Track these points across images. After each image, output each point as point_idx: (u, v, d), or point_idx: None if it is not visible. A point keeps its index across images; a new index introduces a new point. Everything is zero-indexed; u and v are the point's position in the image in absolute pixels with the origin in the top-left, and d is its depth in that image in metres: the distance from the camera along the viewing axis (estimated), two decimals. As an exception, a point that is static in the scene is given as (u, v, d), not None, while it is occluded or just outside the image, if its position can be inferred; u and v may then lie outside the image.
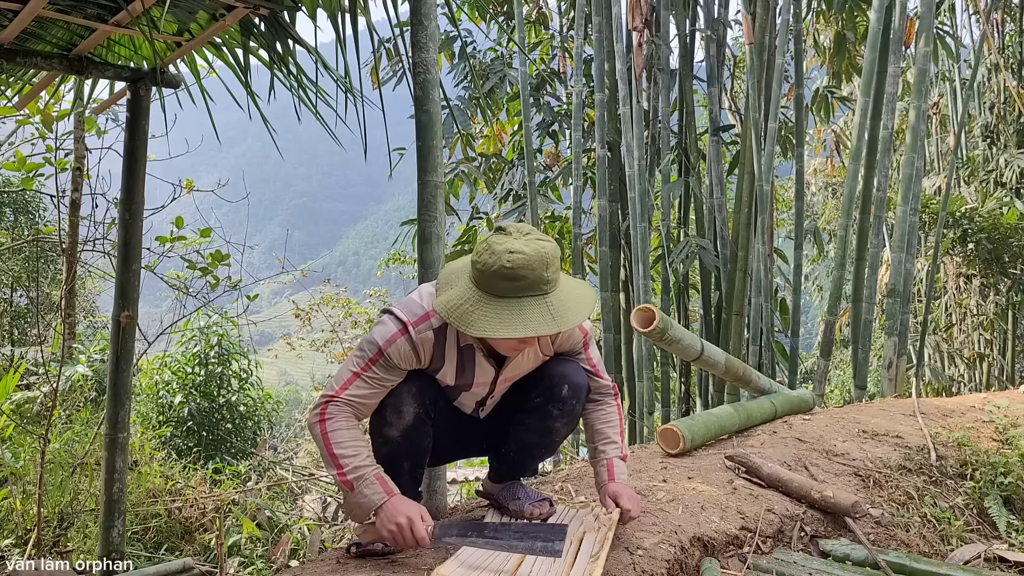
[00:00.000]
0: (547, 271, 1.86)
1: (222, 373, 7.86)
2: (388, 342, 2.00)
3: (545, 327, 1.84)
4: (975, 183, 11.99)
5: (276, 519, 5.28)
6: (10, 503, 4.39)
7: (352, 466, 1.95)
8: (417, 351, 2.03)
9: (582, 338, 2.22)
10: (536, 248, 1.86)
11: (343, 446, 1.96)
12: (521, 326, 1.83)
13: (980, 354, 11.66)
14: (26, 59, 3.43)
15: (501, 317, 1.84)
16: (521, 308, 1.85)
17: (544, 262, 1.85)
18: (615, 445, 2.28)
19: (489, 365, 2.13)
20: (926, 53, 5.91)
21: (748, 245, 6.54)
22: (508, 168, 8.42)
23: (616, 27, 7.04)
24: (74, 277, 7.28)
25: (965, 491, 3.24)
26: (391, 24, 3.23)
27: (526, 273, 1.83)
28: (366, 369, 2.01)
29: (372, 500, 1.93)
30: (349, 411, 2.00)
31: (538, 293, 1.86)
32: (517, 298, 1.85)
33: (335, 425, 1.97)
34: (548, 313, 1.85)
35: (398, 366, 2.03)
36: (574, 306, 1.90)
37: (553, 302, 1.87)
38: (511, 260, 1.83)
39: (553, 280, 1.88)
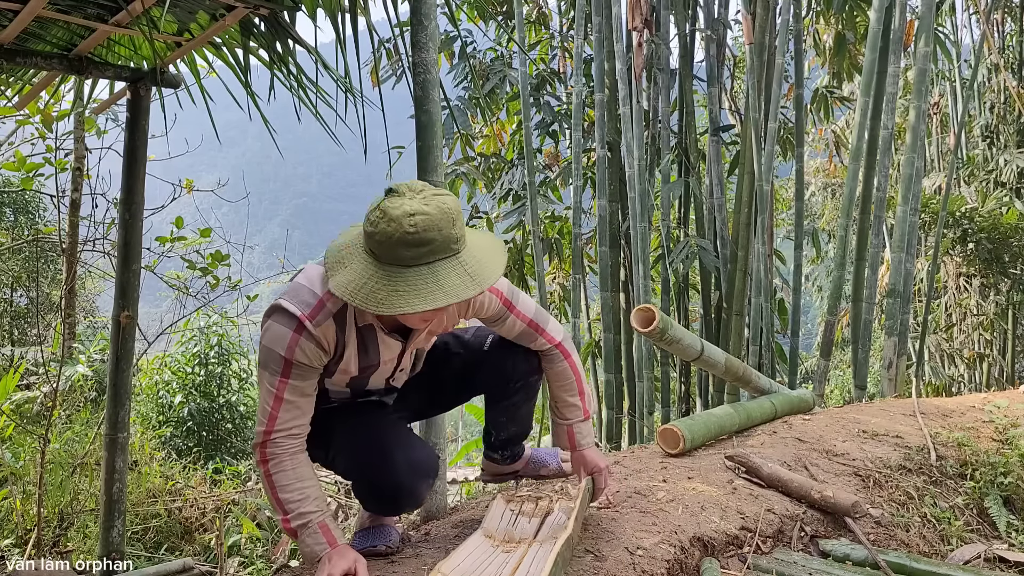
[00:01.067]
0: (454, 228, 1.65)
1: (222, 373, 7.85)
2: (290, 348, 1.79)
3: (466, 290, 1.64)
4: (975, 183, 11.99)
5: (276, 519, 5.28)
6: (10, 503, 4.39)
7: (296, 512, 1.84)
8: (322, 345, 1.83)
9: (498, 303, 2.02)
10: (438, 205, 1.64)
11: (287, 489, 1.83)
12: (440, 294, 1.62)
13: (980, 354, 11.66)
14: (26, 59, 3.43)
15: (415, 288, 1.63)
16: (435, 274, 1.64)
17: (450, 219, 1.64)
18: (575, 408, 2.20)
19: (393, 340, 1.95)
20: (926, 53, 5.91)
21: (748, 245, 6.54)
22: (508, 168, 8.42)
23: (616, 27, 7.04)
24: (74, 277, 7.28)
25: (965, 491, 3.24)
26: (391, 24, 3.23)
27: (433, 235, 1.62)
28: (283, 388, 1.82)
29: (314, 551, 1.84)
30: (289, 442, 1.86)
31: (449, 254, 1.66)
32: (428, 264, 1.64)
33: (279, 466, 1.84)
34: (466, 274, 1.65)
35: (310, 366, 1.84)
36: (489, 261, 1.71)
37: (467, 260, 1.67)
38: (414, 223, 1.61)
39: (462, 237, 1.68)
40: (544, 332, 2.13)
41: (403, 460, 1.97)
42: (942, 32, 9.43)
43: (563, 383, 2.19)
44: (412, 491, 2.01)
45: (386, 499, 2.02)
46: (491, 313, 2.03)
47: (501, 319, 2.07)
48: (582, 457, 2.21)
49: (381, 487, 1.98)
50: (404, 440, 2.04)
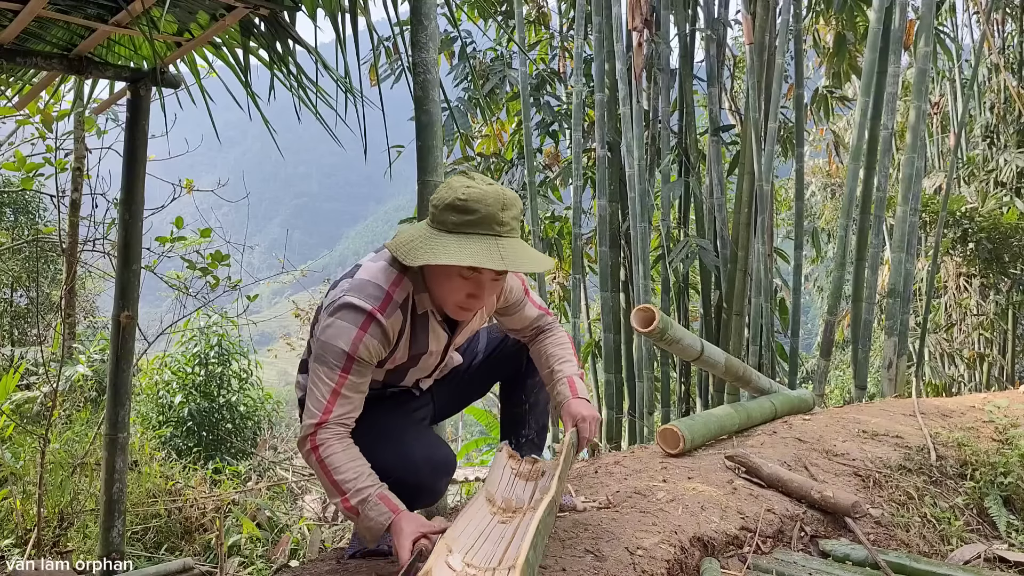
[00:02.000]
0: (502, 212, 1.78)
1: (222, 373, 7.85)
2: (355, 344, 1.84)
3: (490, 261, 1.73)
4: (975, 183, 11.99)
5: (276, 519, 5.28)
6: (10, 503, 4.39)
7: (355, 489, 1.84)
8: (388, 337, 1.90)
9: (521, 289, 2.18)
10: (496, 189, 1.80)
11: (342, 471, 1.84)
12: (464, 254, 1.73)
13: (980, 354, 11.65)
14: (26, 59, 3.43)
15: (446, 247, 1.75)
16: (471, 242, 1.75)
17: (500, 202, 1.78)
18: (571, 363, 2.23)
19: (442, 331, 2.04)
20: (926, 53, 5.91)
21: (748, 245, 6.54)
22: (508, 168, 8.42)
23: (616, 27, 7.04)
24: (74, 277, 7.28)
25: (965, 491, 3.24)
26: (391, 24, 3.23)
27: (478, 207, 1.76)
28: (342, 383, 1.86)
29: (380, 522, 1.83)
30: (340, 430, 1.89)
31: (490, 232, 1.77)
32: (467, 233, 1.77)
33: (329, 449, 1.86)
34: (496, 251, 1.75)
35: (370, 363, 1.91)
36: (526, 257, 1.80)
37: (504, 244, 1.77)
38: (465, 193, 1.77)
39: (509, 225, 1.80)
40: (547, 311, 2.29)
41: (424, 459, 2.01)
42: (943, 31, 9.42)
43: (562, 343, 2.26)
44: (432, 489, 2.07)
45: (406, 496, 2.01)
46: (515, 299, 2.18)
47: (519, 306, 2.20)
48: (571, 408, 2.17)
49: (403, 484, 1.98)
50: (425, 439, 2.11)
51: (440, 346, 2.08)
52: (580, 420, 2.11)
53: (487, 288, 1.86)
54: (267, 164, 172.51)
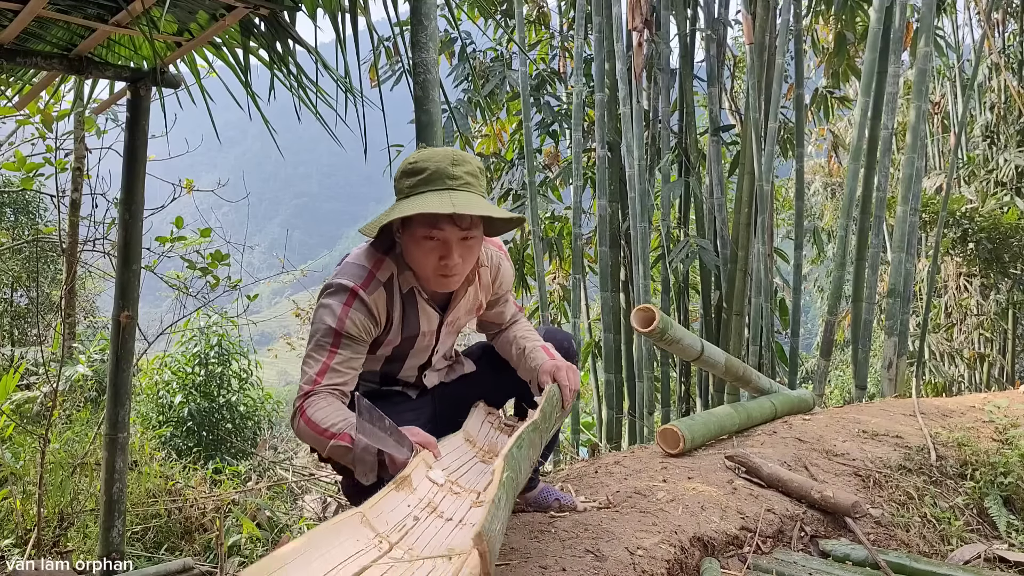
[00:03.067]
0: (453, 167, 1.80)
1: (222, 373, 7.85)
2: (341, 320, 1.88)
3: (440, 206, 1.74)
4: (975, 183, 11.99)
5: (276, 519, 5.28)
6: (10, 503, 4.38)
7: (348, 422, 1.77)
8: (373, 313, 1.92)
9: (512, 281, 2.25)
10: (446, 149, 1.86)
11: (328, 419, 1.80)
12: (412, 207, 1.76)
13: (980, 354, 11.66)
14: (26, 59, 3.44)
15: (399, 208, 1.81)
16: (423, 199, 1.79)
17: (450, 158, 1.81)
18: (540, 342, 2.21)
19: (432, 310, 2.05)
20: (926, 53, 5.91)
21: (748, 245, 6.54)
22: (507, 167, 8.42)
23: (616, 27, 7.04)
24: (74, 277, 7.28)
25: (965, 491, 3.24)
26: (391, 24, 3.23)
27: (427, 164, 1.80)
28: (332, 358, 1.88)
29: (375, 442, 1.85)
30: (324, 393, 1.87)
31: (442, 187, 1.80)
32: (420, 192, 1.81)
33: (314, 407, 1.83)
34: (448, 199, 1.77)
35: (359, 338, 1.92)
36: (481, 204, 1.81)
37: (458, 195, 1.79)
38: (415, 156, 1.84)
39: (462, 179, 1.81)
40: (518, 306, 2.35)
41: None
42: (939, 33, 9.41)
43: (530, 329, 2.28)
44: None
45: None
46: (505, 289, 2.22)
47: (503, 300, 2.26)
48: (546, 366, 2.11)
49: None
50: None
51: (432, 326, 2.08)
52: (556, 371, 2.06)
53: (455, 248, 1.85)
54: (267, 164, 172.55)
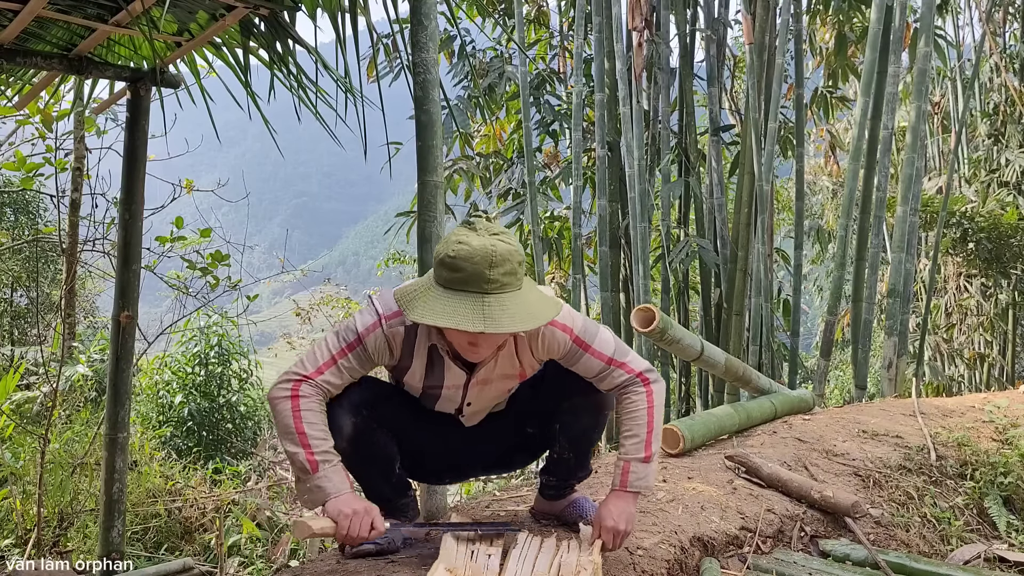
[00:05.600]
0: (491, 270, 1.78)
1: (222, 373, 7.85)
2: (367, 331, 1.97)
3: (469, 323, 1.75)
4: (975, 183, 11.99)
5: (276, 519, 5.28)
6: (10, 503, 4.39)
7: (321, 449, 1.91)
8: (390, 345, 2.00)
9: (570, 342, 2.04)
10: (485, 244, 1.79)
11: (314, 428, 1.91)
12: (445, 317, 1.76)
13: (980, 354, 11.65)
14: (26, 59, 3.44)
15: (433, 305, 1.79)
16: (457, 300, 1.78)
17: (488, 260, 1.78)
18: (636, 442, 2.06)
19: (458, 369, 2.05)
20: (926, 53, 5.91)
21: (748, 245, 6.54)
22: (507, 167, 8.42)
23: (616, 27, 7.03)
24: (74, 277, 7.28)
25: (965, 491, 3.24)
26: (391, 23, 3.23)
27: (465, 265, 1.78)
28: (342, 355, 1.97)
29: (334, 487, 1.90)
30: (320, 395, 1.96)
31: (477, 291, 1.78)
32: (456, 291, 1.79)
33: (308, 404, 1.92)
34: (480, 312, 1.76)
35: (371, 358, 2.01)
36: (514, 315, 1.79)
37: (491, 303, 1.78)
38: (455, 250, 1.79)
39: (499, 282, 1.79)
40: (624, 365, 2.07)
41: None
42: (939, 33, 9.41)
43: (633, 412, 2.07)
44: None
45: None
46: (563, 353, 2.06)
47: (576, 359, 2.07)
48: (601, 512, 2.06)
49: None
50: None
51: (458, 383, 2.08)
52: (604, 531, 2.03)
53: (484, 340, 1.87)
54: (267, 164, 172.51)
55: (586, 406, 2.18)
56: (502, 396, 2.19)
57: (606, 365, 2.06)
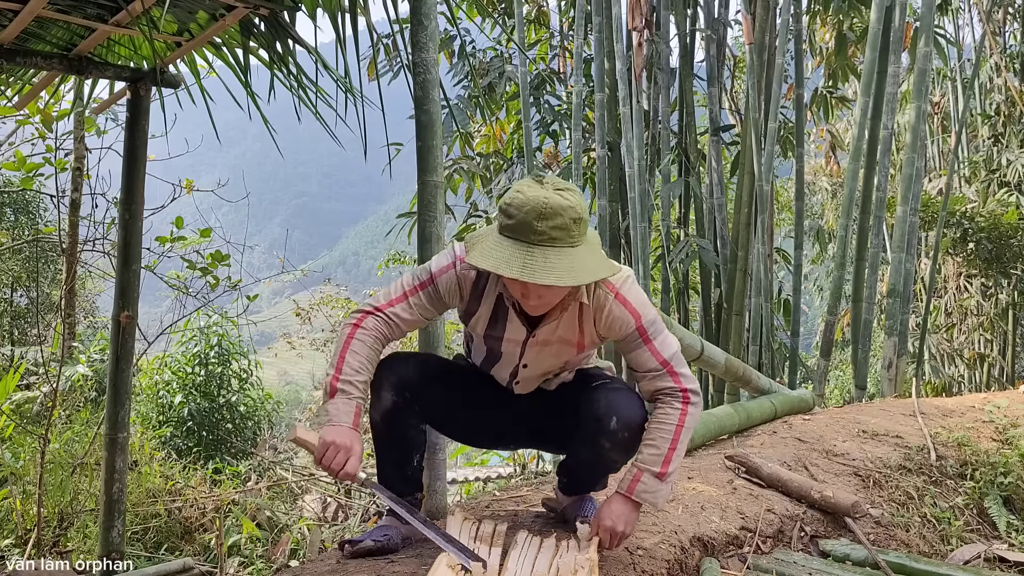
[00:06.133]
0: (539, 222, 1.78)
1: (222, 373, 7.85)
2: (440, 271, 2.03)
3: (506, 268, 1.77)
4: (975, 183, 11.99)
5: (276, 519, 5.28)
6: (10, 503, 4.38)
7: (347, 380, 1.96)
8: (460, 287, 2.04)
9: (634, 328, 2.00)
10: (539, 196, 1.80)
11: (356, 357, 1.98)
12: (488, 259, 1.80)
13: (980, 354, 11.65)
14: (26, 59, 3.43)
15: (484, 248, 1.83)
16: (505, 247, 1.81)
17: (538, 212, 1.78)
18: (655, 453, 1.99)
19: (520, 324, 2.06)
20: (926, 53, 5.91)
21: (748, 245, 6.54)
22: (507, 167, 8.42)
23: (616, 27, 7.03)
24: (74, 277, 7.28)
25: (965, 491, 3.24)
26: (391, 23, 3.23)
27: (515, 213, 1.80)
28: (413, 293, 2.04)
29: (337, 416, 1.94)
30: (384, 329, 2.03)
31: (524, 240, 1.80)
32: (507, 237, 1.82)
33: (364, 336, 2.00)
34: (521, 260, 1.78)
35: (442, 299, 2.05)
36: (555, 269, 1.78)
37: (535, 254, 1.78)
38: (510, 198, 1.83)
39: (547, 235, 1.79)
40: (675, 374, 2.03)
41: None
42: (939, 32, 9.41)
43: (661, 423, 2.01)
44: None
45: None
46: (622, 335, 2.03)
47: (634, 347, 2.04)
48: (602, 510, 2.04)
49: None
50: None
51: (518, 338, 2.08)
52: (602, 529, 2.02)
53: (532, 290, 1.87)
54: (267, 164, 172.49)
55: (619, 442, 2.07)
56: (556, 367, 2.18)
57: (659, 366, 2.02)
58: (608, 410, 2.03)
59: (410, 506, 2.09)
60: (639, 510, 2.06)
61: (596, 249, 1.90)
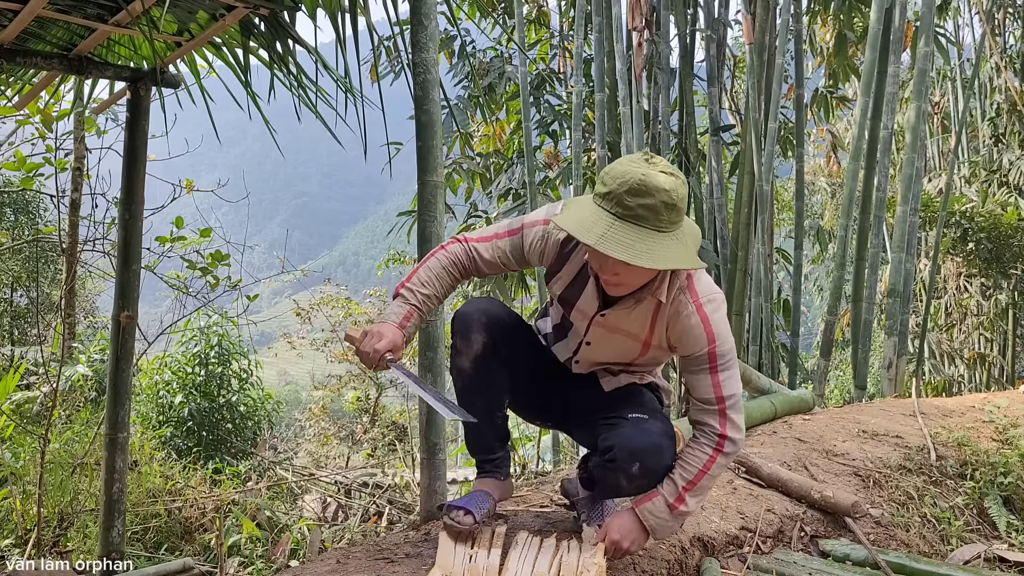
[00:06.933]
0: (631, 197, 1.72)
1: (222, 373, 7.85)
2: (530, 224, 2.07)
3: (578, 230, 1.74)
4: (975, 183, 11.99)
5: (276, 519, 5.28)
6: (10, 503, 4.38)
7: (410, 288, 2.06)
8: (546, 245, 2.05)
9: (705, 351, 1.92)
10: (637, 171, 1.73)
11: (428, 272, 2.08)
12: (576, 225, 1.75)
13: (980, 354, 11.65)
14: (26, 59, 3.43)
15: (575, 215, 1.80)
16: (591, 212, 1.77)
17: (631, 186, 1.72)
18: (672, 486, 1.97)
19: (595, 297, 2.01)
20: (926, 53, 5.91)
21: (748, 245, 6.54)
22: (507, 167, 8.43)
23: (616, 27, 7.04)
24: (74, 277, 7.28)
25: (965, 491, 3.24)
26: (391, 23, 3.23)
27: (610, 183, 1.75)
28: (500, 237, 2.09)
29: (388, 314, 2.06)
30: (464, 259, 2.10)
31: (611, 211, 1.75)
32: (598, 206, 1.78)
33: (443, 257, 2.09)
34: (598, 229, 1.73)
35: (524, 251, 2.08)
36: (628, 245, 1.71)
37: (616, 227, 1.73)
38: (610, 168, 1.78)
39: (635, 212, 1.73)
40: (724, 416, 1.95)
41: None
42: (940, 32, 9.42)
43: (688, 462, 1.97)
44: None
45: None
46: (691, 352, 1.95)
47: (697, 370, 1.96)
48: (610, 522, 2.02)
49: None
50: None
51: (588, 312, 2.04)
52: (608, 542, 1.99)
53: (609, 266, 1.80)
54: (267, 164, 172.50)
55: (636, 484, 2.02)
56: (617, 360, 2.14)
57: (714, 401, 1.95)
58: (633, 455, 1.95)
59: (425, 383, 2.17)
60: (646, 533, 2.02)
61: (686, 242, 1.81)
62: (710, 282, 2.00)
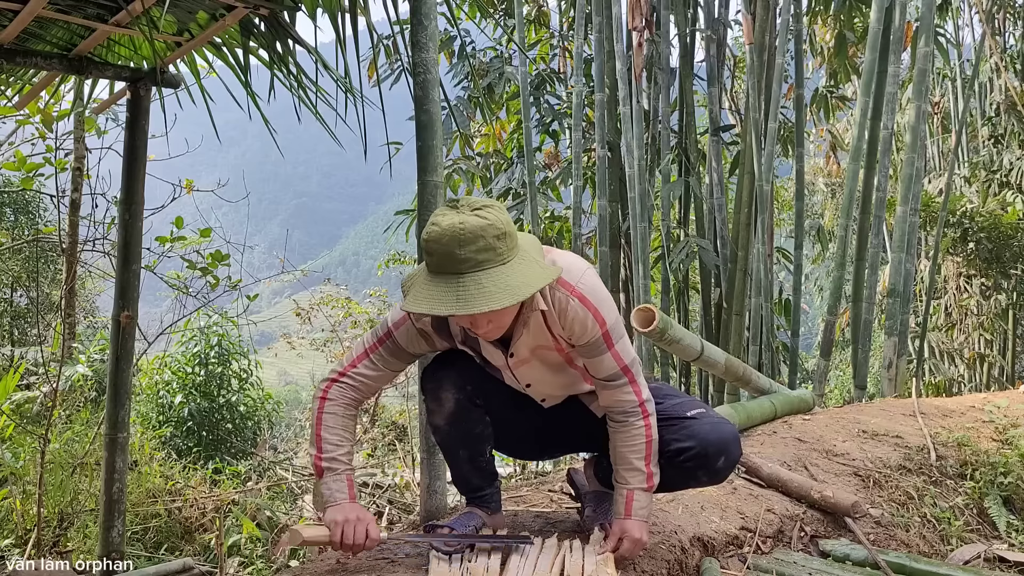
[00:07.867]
0: (460, 250, 1.70)
1: (222, 373, 7.85)
2: (396, 325, 2.01)
3: (442, 307, 1.71)
4: (976, 183, 11.99)
5: (276, 519, 5.28)
6: (10, 503, 4.38)
7: (330, 456, 1.99)
8: (423, 334, 2.02)
9: (598, 334, 1.92)
10: (454, 223, 1.71)
11: (331, 432, 2.00)
12: (423, 302, 1.73)
13: (980, 354, 11.65)
14: (26, 59, 3.44)
15: (417, 292, 1.77)
16: (435, 284, 1.74)
17: (457, 240, 1.70)
18: (639, 474, 2.02)
19: (494, 348, 2.01)
20: (926, 53, 5.91)
21: (748, 245, 6.54)
22: (507, 167, 8.43)
23: (616, 27, 7.03)
24: (74, 277, 7.28)
25: (965, 491, 3.24)
26: (391, 23, 3.23)
27: (435, 248, 1.72)
28: (374, 349, 2.03)
29: (332, 496, 1.97)
30: (352, 393, 2.03)
31: (452, 272, 1.73)
32: (435, 274, 1.75)
33: (332, 408, 2.01)
34: (453, 294, 1.71)
35: (405, 349, 2.03)
36: (491, 292, 1.70)
37: (467, 283, 1.71)
38: (427, 232, 1.74)
39: (473, 260, 1.71)
40: (634, 383, 2.00)
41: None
42: (940, 32, 9.42)
43: (633, 444, 2.02)
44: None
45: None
46: (587, 341, 1.95)
47: (596, 352, 1.97)
48: (621, 523, 2.04)
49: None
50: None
51: (499, 362, 2.06)
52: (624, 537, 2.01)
53: (477, 320, 1.80)
54: (267, 164, 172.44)
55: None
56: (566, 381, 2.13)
57: (619, 371, 1.98)
58: (720, 449, 2.03)
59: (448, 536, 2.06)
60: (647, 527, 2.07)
61: (532, 258, 1.82)
62: (571, 259, 1.96)
